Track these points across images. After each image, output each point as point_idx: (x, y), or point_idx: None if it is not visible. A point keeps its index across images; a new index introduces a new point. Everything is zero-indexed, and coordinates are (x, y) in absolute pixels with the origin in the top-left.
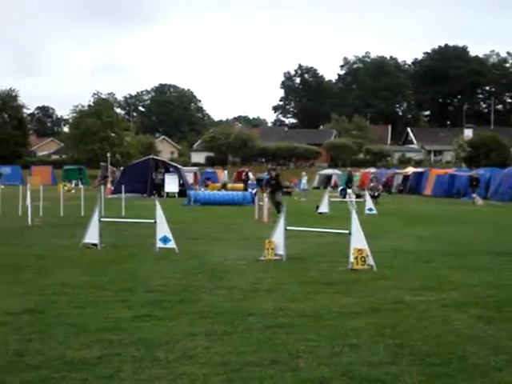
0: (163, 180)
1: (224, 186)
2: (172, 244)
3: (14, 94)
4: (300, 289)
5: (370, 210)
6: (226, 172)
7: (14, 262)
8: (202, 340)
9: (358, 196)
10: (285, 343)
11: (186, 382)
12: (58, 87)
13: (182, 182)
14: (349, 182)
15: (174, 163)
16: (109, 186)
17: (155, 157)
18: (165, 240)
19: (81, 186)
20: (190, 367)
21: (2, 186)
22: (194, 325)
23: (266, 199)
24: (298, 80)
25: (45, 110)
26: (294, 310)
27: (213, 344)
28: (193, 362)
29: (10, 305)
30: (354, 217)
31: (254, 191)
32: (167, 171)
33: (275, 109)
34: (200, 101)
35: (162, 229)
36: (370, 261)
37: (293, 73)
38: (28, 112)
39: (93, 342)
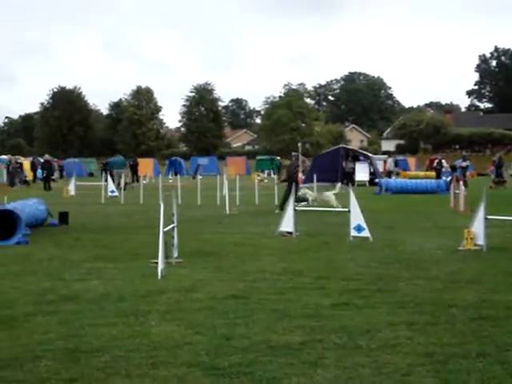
0: (354, 169)
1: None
2: (366, 233)
3: (210, 87)
4: (504, 279)
5: None
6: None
7: (215, 249)
8: (403, 330)
9: None
10: (491, 335)
11: (390, 370)
12: (251, 80)
13: (372, 170)
14: None
15: (364, 151)
16: (300, 175)
17: (345, 146)
18: (359, 229)
19: (273, 175)
20: (393, 356)
21: (200, 177)
22: (394, 314)
23: (463, 187)
24: (494, 63)
25: (238, 103)
26: (498, 302)
27: (415, 334)
28: (396, 351)
29: (215, 290)
30: None
31: (448, 179)
32: (357, 160)
33: (469, 93)
34: (390, 88)
35: (356, 217)
36: None
37: (488, 55)
38: (223, 105)
39: (295, 328)
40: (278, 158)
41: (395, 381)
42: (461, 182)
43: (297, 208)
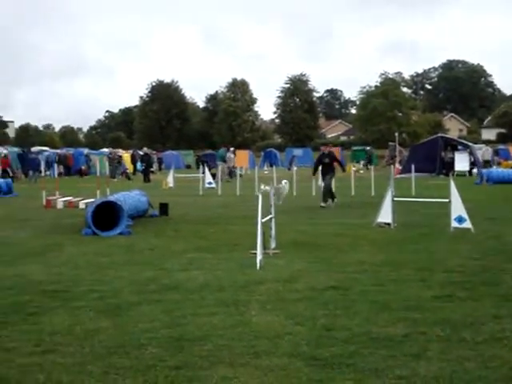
0: (453, 159)
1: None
2: (467, 224)
3: (304, 78)
4: None
5: None
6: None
7: (313, 240)
8: (509, 323)
9: None
10: None
11: (496, 364)
12: (346, 69)
13: (472, 159)
14: None
15: (463, 141)
16: (397, 165)
17: (444, 135)
18: (460, 220)
19: (370, 166)
20: (500, 350)
21: (295, 168)
22: (499, 307)
23: None
24: None
25: (333, 93)
26: None
27: None
28: (502, 345)
29: (314, 281)
30: None
31: None
32: (456, 149)
33: None
34: (490, 75)
35: (457, 208)
36: None
37: None
38: (317, 95)
39: (396, 320)
40: (368, 148)
41: (502, 375)
42: None
43: (394, 199)
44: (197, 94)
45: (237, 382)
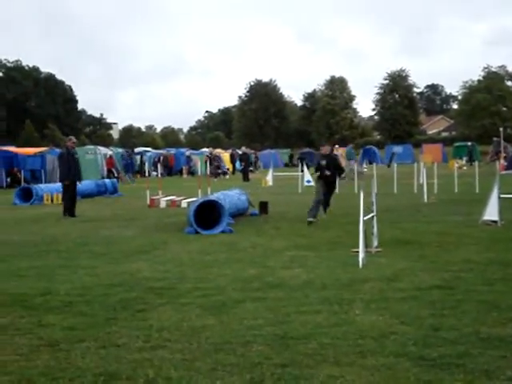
0: None
1: None
2: None
3: (404, 74)
4: None
5: None
6: None
7: (416, 238)
8: None
9: None
10: None
11: None
12: (447, 64)
13: None
14: None
15: None
16: (502, 161)
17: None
18: None
19: (473, 162)
20: None
21: (396, 165)
22: None
23: None
24: None
25: (434, 88)
26: None
27: None
28: None
29: (418, 280)
30: None
31: None
32: None
33: None
34: None
35: None
36: None
37: None
38: (418, 91)
39: (506, 320)
40: (470, 143)
41: None
42: None
43: (501, 196)
44: (294, 92)
45: (343, 381)
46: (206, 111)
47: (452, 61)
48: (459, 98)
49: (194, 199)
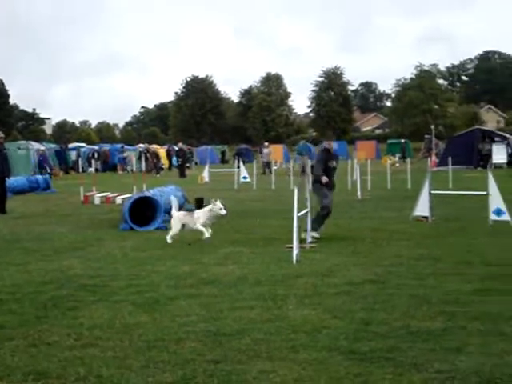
0: (490, 150)
1: None
2: (506, 216)
3: (339, 71)
4: None
5: None
6: None
7: (349, 234)
8: None
9: None
10: None
11: None
12: (381, 62)
13: (510, 151)
14: None
15: (501, 133)
16: (433, 158)
17: (481, 127)
18: (498, 212)
19: (405, 159)
20: None
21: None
22: None
23: None
24: None
25: (368, 86)
26: None
27: None
28: None
29: (351, 275)
30: None
31: None
32: (493, 141)
33: None
34: None
35: (495, 201)
36: None
37: None
38: (352, 89)
39: (436, 314)
40: (402, 140)
41: None
42: None
43: (431, 192)
44: (231, 89)
45: (275, 375)
46: (142, 107)
47: (385, 59)
48: (392, 95)
49: (128, 196)
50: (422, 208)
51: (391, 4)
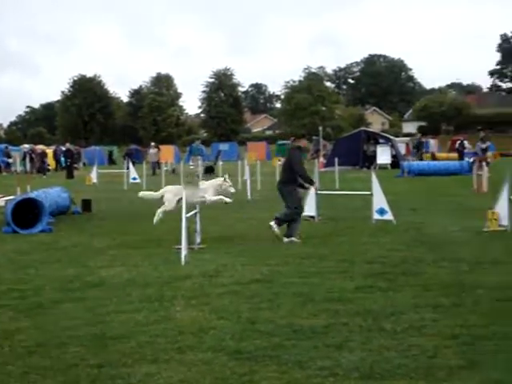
0: (375, 152)
1: (433, 157)
2: (389, 216)
3: (229, 73)
4: None
5: None
6: (432, 142)
7: (238, 234)
8: (429, 312)
9: None
10: None
11: (415, 353)
12: (270, 64)
13: (394, 153)
14: None
15: (385, 134)
16: (321, 159)
17: (366, 128)
18: (381, 212)
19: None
20: (419, 339)
21: (221, 163)
22: (419, 297)
23: (486, 168)
24: None
25: (258, 88)
26: None
27: (440, 316)
28: (421, 333)
29: (239, 275)
30: None
31: (471, 160)
32: (378, 143)
33: (491, 73)
34: (411, 69)
35: (379, 200)
36: None
37: (510, 35)
38: (242, 90)
39: (319, 312)
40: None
41: (421, 363)
42: (483, 163)
43: (317, 192)
44: (121, 89)
45: (159, 377)
46: (27, 106)
47: (275, 61)
48: (282, 97)
49: (12, 197)
50: (309, 208)
51: (281, 6)
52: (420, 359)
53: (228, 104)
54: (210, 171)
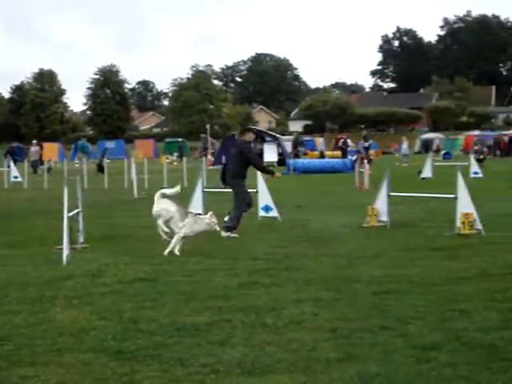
0: (262, 150)
1: (321, 155)
2: (274, 213)
3: (115, 69)
4: (406, 255)
5: (476, 173)
6: (321, 140)
7: (123, 233)
8: (309, 306)
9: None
10: (393, 309)
11: (295, 347)
12: (158, 61)
13: (280, 151)
14: None
15: (272, 132)
16: (209, 157)
17: (253, 127)
18: (267, 209)
19: (183, 158)
20: (299, 333)
21: (108, 161)
22: (300, 292)
23: (367, 166)
24: (396, 43)
25: (145, 85)
26: (400, 276)
27: (320, 310)
28: (301, 327)
29: (122, 274)
30: (460, 180)
31: (353, 158)
32: (264, 141)
33: (373, 74)
34: (296, 69)
35: (264, 198)
36: (478, 225)
37: (391, 36)
38: (129, 87)
39: (203, 309)
40: (180, 139)
41: (300, 357)
42: (365, 161)
43: (205, 190)
44: (2, 85)
45: (37, 380)
46: None
47: (163, 58)
48: (170, 94)
49: None
50: (196, 205)
51: (167, 3)
52: (300, 353)
53: (115, 101)
54: (101, 170)
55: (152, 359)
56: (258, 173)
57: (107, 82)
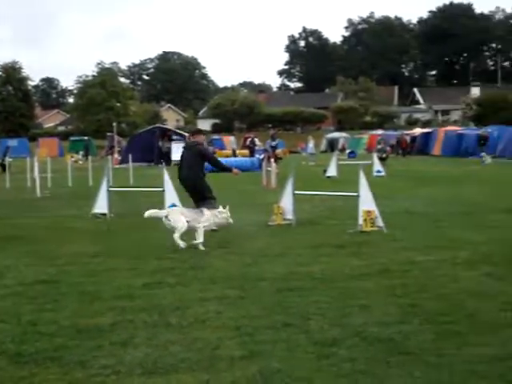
0: (170, 148)
1: (234, 153)
2: None
3: (17, 66)
4: (310, 252)
5: (379, 171)
6: (232, 138)
7: (25, 234)
8: (214, 305)
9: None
10: (296, 306)
11: (200, 346)
12: (63, 58)
13: None
14: None
15: (180, 131)
16: (116, 155)
17: (161, 125)
18: (173, 207)
19: (88, 157)
20: (203, 332)
21: (10, 159)
22: (205, 290)
23: (274, 164)
24: (302, 43)
25: (49, 82)
26: (304, 274)
27: (225, 309)
28: (205, 326)
29: (23, 276)
30: (363, 179)
31: (261, 157)
32: (171, 140)
33: (280, 73)
34: (204, 68)
35: (171, 197)
36: (380, 222)
37: (297, 36)
38: (32, 84)
39: (106, 310)
40: (86, 138)
41: (204, 355)
42: (272, 160)
43: (110, 189)
44: None
45: None
46: None
47: (68, 55)
48: (75, 92)
49: None
50: (101, 205)
51: (71, 1)
52: (204, 352)
53: (17, 98)
54: (3, 169)
55: (52, 362)
56: (165, 173)
57: (9, 79)
